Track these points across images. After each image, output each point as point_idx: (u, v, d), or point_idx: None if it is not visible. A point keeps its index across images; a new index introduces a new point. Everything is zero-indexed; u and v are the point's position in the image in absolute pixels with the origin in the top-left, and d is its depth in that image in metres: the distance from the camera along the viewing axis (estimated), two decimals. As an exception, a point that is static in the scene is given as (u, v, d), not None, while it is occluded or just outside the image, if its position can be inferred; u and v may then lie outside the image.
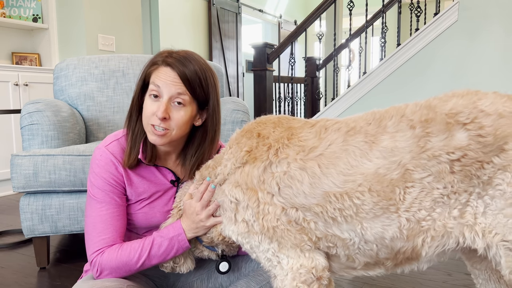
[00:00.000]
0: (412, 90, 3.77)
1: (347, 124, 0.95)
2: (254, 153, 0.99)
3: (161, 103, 1.10)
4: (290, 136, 0.99)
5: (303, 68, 4.61)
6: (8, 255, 2.12)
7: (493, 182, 0.84)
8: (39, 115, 1.88)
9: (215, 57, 6.55)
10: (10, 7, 3.83)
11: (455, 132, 0.84)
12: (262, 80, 4.04)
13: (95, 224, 1.14)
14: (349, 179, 0.89)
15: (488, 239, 0.85)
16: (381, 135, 0.89)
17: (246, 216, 0.99)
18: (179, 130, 1.13)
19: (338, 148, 0.92)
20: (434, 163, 0.84)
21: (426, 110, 0.88)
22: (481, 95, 0.87)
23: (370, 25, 4.43)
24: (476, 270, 1.15)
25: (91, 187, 1.18)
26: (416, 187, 0.86)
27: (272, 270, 1.02)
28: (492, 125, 0.82)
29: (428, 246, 0.90)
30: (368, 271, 1.01)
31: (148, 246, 1.11)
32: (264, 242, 0.99)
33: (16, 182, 1.77)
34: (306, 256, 0.97)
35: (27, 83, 3.61)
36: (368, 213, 0.89)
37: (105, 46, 4.00)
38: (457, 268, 1.84)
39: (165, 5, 5.67)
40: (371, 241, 0.92)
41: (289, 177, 0.94)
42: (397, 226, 0.89)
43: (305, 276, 0.96)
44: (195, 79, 1.11)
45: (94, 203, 1.16)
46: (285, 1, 8.73)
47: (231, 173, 1.02)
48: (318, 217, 0.93)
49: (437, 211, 0.87)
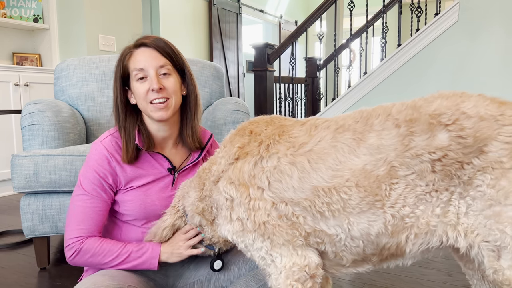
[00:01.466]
0: (413, 91, 3.77)
1: (336, 122, 0.98)
2: (245, 149, 1.02)
3: (151, 78, 1.18)
4: (281, 133, 1.01)
5: (304, 69, 4.61)
6: (8, 255, 2.12)
7: (473, 183, 0.86)
8: (40, 115, 1.89)
9: (215, 57, 6.55)
10: (11, 8, 3.83)
11: (437, 132, 0.86)
12: (262, 80, 4.04)
13: (77, 214, 1.20)
14: (337, 174, 0.91)
15: (470, 239, 0.87)
16: (368, 133, 0.92)
17: (240, 214, 1.01)
18: (176, 97, 1.22)
19: (327, 144, 0.94)
20: (417, 161, 0.87)
21: (411, 110, 0.90)
22: (465, 97, 0.90)
23: (370, 26, 4.43)
24: (469, 271, 1.16)
25: (82, 177, 1.23)
26: (400, 184, 0.89)
27: (266, 269, 1.03)
28: (473, 127, 0.84)
29: (412, 243, 0.92)
30: (357, 267, 1.03)
31: (123, 256, 1.19)
32: (257, 240, 1.00)
33: (16, 182, 1.77)
34: (299, 254, 0.98)
35: (27, 83, 3.61)
36: (355, 208, 0.91)
37: (106, 47, 4.01)
38: (457, 269, 1.84)
39: (165, 6, 5.68)
40: (357, 237, 0.94)
41: (279, 171, 0.96)
42: (382, 222, 0.91)
43: (298, 274, 0.97)
44: (169, 49, 1.22)
45: (81, 193, 1.22)
46: (285, 1, 8.73)
47: (225, 170, 1.04)
48: (307, 211, 0.95)
49: (420, 208, 0.89)
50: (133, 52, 1.22)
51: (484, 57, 3.54)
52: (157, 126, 1.26)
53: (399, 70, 3.82)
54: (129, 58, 1.22)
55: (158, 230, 1.20)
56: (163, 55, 1.21)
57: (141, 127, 1.26)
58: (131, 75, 1.22)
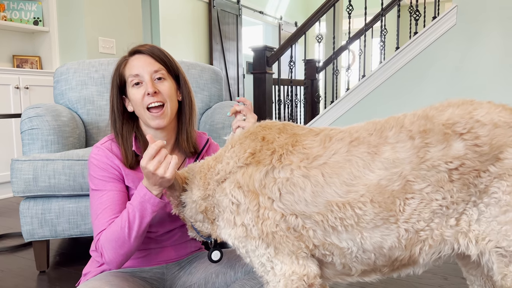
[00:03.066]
0: (411, 93, 3.78)
1: (350, 134, 0.96)
2: (257, 156, 1.00)
3: (146, 83, 1.21)
4: (294, 143, 0.99)
5: (303, 71, 4.62)
6: (8, 259, 2.13)
7: (489, 190, 0.86)
8: (39, 119, 1.90)
9: (215, 59, 6.56)
10: (11, 10, 3.85)
11: (453, 142, 0.86)
12: (261, 83, 4.05)
13: (97, 212, 1.18)
14: (352, 190, 0.90)
15: (481, 246, 0.87)
16: (383, 146, 0.91)
17: (246, 220, 0.99)
18: (172, 102, 1.24)
19: (342, 158, 0.93)
20: (433, 172, 0.86)
21: (423, 121, 0.90)
22: (476, 105, 0.90)
23: (369, 28, 4.44)
24: (471, 276, 1.16)
25: (92, 181, 1.23)
26: (415, 198, 0.88)
27: (264, 276, 1.03)
28: (488, 135, 0.85)
29: (425, 254, 0.92)
30: (364, 277, 1.02)
31: (126, 217, 1.11)
32: (261, 247, 0.99)
33: (16, 186, 1.78)
34: (299, 264, 0.98)
35: (28, 86, 3.62)
36: (369, 223, 0.90)
37: (106, 49, 4.02)
38: (453, 272, 1.85)
39: (165, 8, 5.69)
40: (370, 250, 0.93)
41: (291, 183, 0.95)
42: (396, 236, 0.90)
43: (297, 283, 0.97)
44: (163, 55, 1.25)
45: (95, 193, 1.21)
46: (285, 3, 8.74)
47: (232, 172, 1.02)
48: (318, 225, 0.94)
49: (436, 221, 0.89)
50: (128, 60, 1.25)
51: (482, 60, 3.55)
52: (154, 133, 1.28)
53: (398, 73, 3.83)
54: (124, 66, 1.25)
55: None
56: (157, 61, 1.24)
57: (137, 133, 1.28)
58: (127, 81, 1.24)
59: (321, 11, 4.07)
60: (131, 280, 1.24)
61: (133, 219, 1.11)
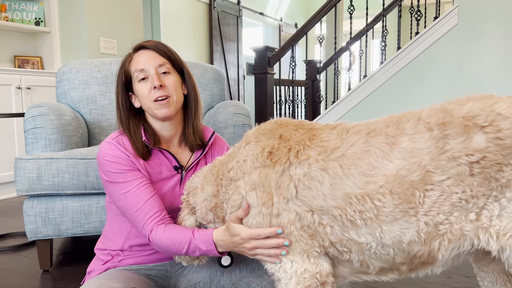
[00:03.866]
0: (413, 94, 3.79)
1: (367, 127, 0.95)
2: (275, 156, 0.98)
3: (152, 77, 1.22)
4: (312, 137, 0.99)
5: (304, 71, 4.63)
6: (11, 258, 2.13)
7: (511, 184, 0.84)
8: (43, 118, 1.90)
9: (216, 60, 6.57)
10: (12, 11, 3.85)
11: (473, 134, 0.84)
12: (263, 83, 4.05)
13: (130, 204, 1.18)
14: (371, 180, 0.89)
15: (502, 242, 0.85)
16: (401, 137, 0.90)
17: (255, 222, 0.99)
18: (178, 95, 1.26)
19: (360, 149, 0.92)
20: (454, 164, 0.85)
21: (442, 114, 0.89)
22: (497, 99, 0.89)
23: (370, 28, 4.45)
24: (482, 273, 1.15)
25: (108, 176, 1.21)
26: (435, 190, 0.86)
27: (275, 274, 1.02)
28: (510, 128, 0.83)
29: (444, 249, 0.90)
30: (381, 276, 1.00)
31: (185, 245, 1.13)
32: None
33: (19, 185, 1.78)
34: (311, 262, 0.97)
35: (29, 86, 3.63)
36: (388, 216, 0.89)
37: (107, 50, 4.03)
38: (457, 271, 1.85)
39: (166, 9, 5.70)
40: (389, 245, 0.92)
41: (309, 178, 0.93)
42: (415, 229, 0.89)
43: (309, 281, 0.96)
44: (167, 50, 1.28)
45: (118, 187, 1.20)
46: (285, 4, 8.76)
47: (248, 172, 1.01)
48: (336, 220, 0.92)
49: (455, 215, 0.87)
50: (133, 56, 1.27)
51: (483, 60, 3.56)
52: (161, 125, 1.29)
53: (399, 73, 3.84)
54: (129, 62, 1.27)
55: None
56: (162, 55, 1.26)
57: (145, 125, 1.29)
58: (132, 77, 1.26)
59: (322, 12, 4.08)
60: (136, 277, 1.24)
61: (192, 250, 1.13)
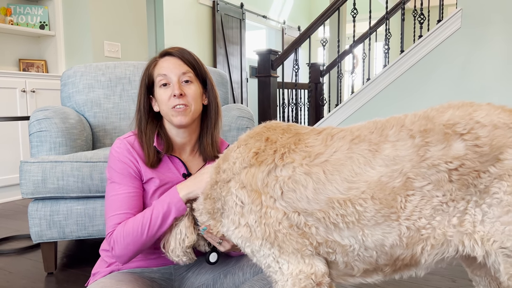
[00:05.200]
0: (416, 97, 3.79)
1: (351, 133, 0.97)
2: (261, 156, 1.01)
3: (173, 84, 1.24)
4: (297, 141, 1.01)
5: (307, 74, 4.63)
6: (16, 260, 2.14)
7: (490, 190, 0.86)
8: (48, 122, 1.91)
9: (219, 63, 6.59)
10: (17, 15, 3.88)
11: (453, 142, 0.86)
12: (266, 86, 4.06)
13: (112, 203, 1.21)
14: (353, 186, 0.91)
15: (487, 247, 0.87)
16: (383, 144, 0.91)
17: (250, 221, 1.01)
18: (196, 105, 1.26)
19: (343, 155, 0.94)
20: (433, 171, 0.87)
21: (424, 121, 0.91)
22: (476, 107, 0.91)
23: (373, 31, 4.45)
24: (476, 277, 1.17)
25: (110, 172, 1.26)
26: (416, 195, 0.88)
27: (272, 276, 1.03)
28: (488, 136, 0.85)
29: (427, 254, 0.92)
30: (366, 278, 1.02)
31: (148, 216, 1.15)
32: (264, 247, 1.00)
33: (25, 188, 1.79)
34: (306, 262, 0.98)
35: (34, 89, 3.65)
36: (370, 220, 0.91)
37: (111, 53, 4.05)
38: (461, 275, 1.85)
39: (170, 12, 5.72)
40: (371, 248, 0.93)
41: (293, 181, 0.96)
42: (397, 234, 0.91)
43: (305, 282, 0.97)
44: (192, 59, 1.29)
45: (112, 186, 1.24)
46: (288, 7, 8.78)
47: (237, 173, 1.04)
48: (320, 222, 0.94)
49: (437, 219, 0.89)
50: (158, 61, 1.29)
51: (486, 63, 3.56)
52: (176, 132, 1.30)
53: (402, 76, 3.83)
54: (154, 66, 1.28)
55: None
56: (186, 64, 1.27)
57: (160, 131, 1.30)
58: (155, 81, 1.27)
59: (325, 15, 4.09)
60: (140, 280, 1.25)
61: (155, 219, 1.15)
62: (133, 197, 1.22)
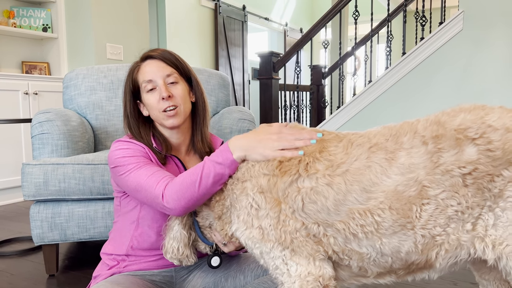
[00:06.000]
0: (418, 99, 3.78)
1: (369, 140, 0.97)
2: (285, 166, 0.99)
3: (160, 87, 1.24)
4: (321, 149, 1.00)
5: (309, 76, 4.63)
6: (17, 262, 2.15)
7: (504, 194, 0.86)
8: (49, 124, 1.92)
9: (221, 65, 6.60)
10: (20, 17, 3.90)
11: (465, 147, 0.86)
12: (268, 88, 4.07)
13: (148, 177, 1.12)
14: (372, 196, 0.91)
15: (498, 251, 0.87)
16: (399, 152, 0.92)
17: (264, 224, 1.00)
18: (185, 104, 1.27)
19: (362, 164, 0.93)
20: (447, 177, 0.87)
21: (436, 126, 0.90)
22: (488, 110, 0.90)
23: (375, 34, 4.45)
24: (484, 281, 1.16)
25: (124, 165, 1.17)
26: (431, 204, 0.88)
27: (279, 278, 1.03)
28: (500, 140, 0.85)
29: (441, 258, 0.92)
30: (379, 279, 1.03)
31: (199, 170, 1.06)
32: (276, 250, 1.00)
33: (26, 190, 1.80)
34: (315, 265, 0.98)
35: (36, 91, 3.66)
36: (388, 230, 0.91)
37: (113, 55, 4.06)
38: (463, 277, 1.84)
39: (172, 14, 5.74)
40: (387, 255, 0.94)
41: (315, 192, 0.95)
42: (412, 241, 0.91)
43: (312, 284, 0.97)
44: (175, 59, 1.28)
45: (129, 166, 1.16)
46: (290, 10, 8.79)
47: (255, 176, 1.02)
48: (339, 233, 0.95)
49: (452, 226, 0.89)
50: (141, 66, 1.28)
51: (488, 65, 3.55)
52: (169, 133, 1.31)
53: (404, 79, 3.83)
54: (137, 72, 1.28)
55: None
56: (169, 65, 1.27)
57: (155, 132, 1.30)
58: (141, 87, 1.27)
59: (327, 17, 4.09)
60: (141, 283, 1.25)
61: (207, 173, 1.05)
62: (155, 166, 1.17)
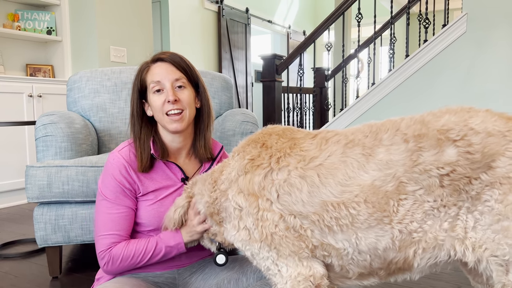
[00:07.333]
0: (421, 102, 3.77)
1: (346, 137, 0.99)
2: (256, 161, 1.04)
3: (167, 90, 1.25)
4: (292, 145, 1.03)
5: (312, 79, 4.63)
6: (21, 264, 2.15)
7: (481, 198, 0.87)
8: (53, 127, 1.93)
9: (224, 68, 6.61)
10: (25, 20, 3.92)
11: (446, 148, 0.87)
12: (271, 91, 4.07)
13: (104, 222, 1.24)
14: (347, 190, 0.92)
15: (478, 254, 0.88)
16: (377, 148, 0.93)
17: (248, 224, 1.03)
18: (190, 109, 1.28)
19: (337, 159, 0.95)
20: (425, 177, 0.88)
21: (419, 125, 0.91)
22: (473, 113, 0.91)
23: (378, 36, 4.45)
24: (478, 285, 1.16)
25: (103, 187, 1.27)
26: (409, 199, 0.89)
27: (272, 278, 1.05)
28: (481, 143, 0.85)
29: (420, 257, 0.93)
30: (362, 280, 1.04)
31: (151, 250, 1.23)
32: (263, 250, 1.02)
33: (30, 192, 1.81)
34: (304, 265, 1.00)
35: (41, 94, 3.68)
36: (363, 223, 0.92)
37: (117, 58, 4.07)
38: (466, 281, 1.82)
39: (175, 17, 5.76)
40: (365, 252, 0.95)
41: (288, 184, 0.98)
42: (390, 237, 0.92)
43: (303, 284, 0.99)
44: (184, 64, 1.29)
45: (105, 203, 1.25)
46: (293, 12, 8.79)
47: (234, 180, 1.06)
48: (315, 225, 0.96)
49: (428, 223, 0.90)
50: (151, 67, 1.29)
51: (492, 67, 3.54)
52: (172, 137, 1.31)
53: (407, 81, 3.82)
54: (146, 72, 1.29)
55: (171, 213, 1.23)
56: (179, 69, 1.28)
57: (155, 137, 1.31)
58: (148, 87, 1.28)
59: (330, 20, 4.09)
60: (144, 284, 1.25)
61: (158, 253, 1.24)
62: (125, 217, 1.25)
